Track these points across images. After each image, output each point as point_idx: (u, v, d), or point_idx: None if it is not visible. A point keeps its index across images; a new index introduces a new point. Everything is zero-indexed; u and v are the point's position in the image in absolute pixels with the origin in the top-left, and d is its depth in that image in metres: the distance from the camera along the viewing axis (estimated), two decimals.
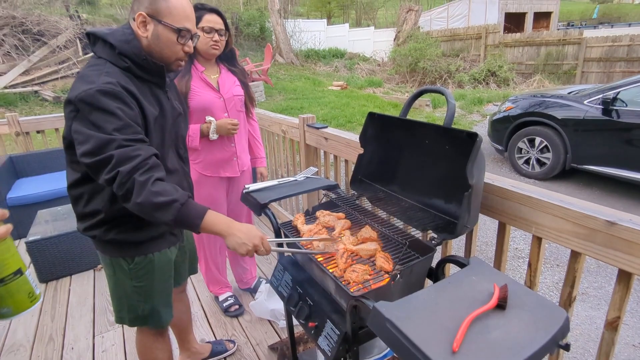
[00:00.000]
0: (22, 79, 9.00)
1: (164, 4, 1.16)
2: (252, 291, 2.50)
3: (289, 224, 1.48)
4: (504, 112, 5.45)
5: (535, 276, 1.27)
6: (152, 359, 1.52)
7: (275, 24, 14.33)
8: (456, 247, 2.94)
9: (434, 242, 1.20)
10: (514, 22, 17.73)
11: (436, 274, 1.25)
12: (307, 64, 15.42)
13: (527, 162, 5.24)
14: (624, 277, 1.03)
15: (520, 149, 5.27)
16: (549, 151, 4.93)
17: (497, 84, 12.83)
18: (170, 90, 1.37)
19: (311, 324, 1.22)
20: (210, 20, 1.80)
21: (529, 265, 1.28)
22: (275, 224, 1.46)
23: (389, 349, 1.30)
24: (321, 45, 16.96)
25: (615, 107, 4.34)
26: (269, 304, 2.20)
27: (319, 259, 1.24)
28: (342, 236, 1.30)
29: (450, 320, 0.80)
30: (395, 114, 1.44)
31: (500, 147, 5.56)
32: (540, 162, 5.09)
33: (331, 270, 1.17)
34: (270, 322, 2.25)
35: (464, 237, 1.44)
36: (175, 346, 1.86)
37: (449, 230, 1.20)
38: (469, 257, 1.09)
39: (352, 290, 1.05)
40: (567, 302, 1.19)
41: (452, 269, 1.39)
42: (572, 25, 23.11)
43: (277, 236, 1.45)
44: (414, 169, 1.41)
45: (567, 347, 0.80)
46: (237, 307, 2.33)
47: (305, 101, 10.11)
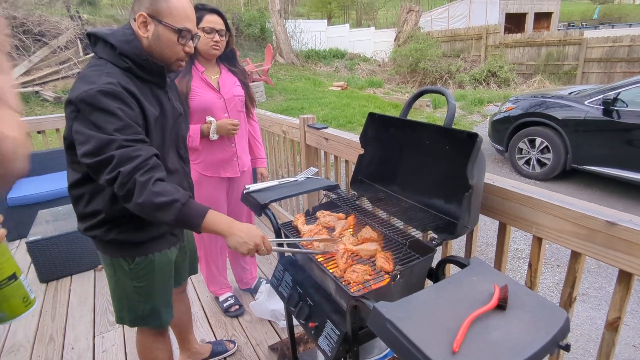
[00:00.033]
0: (23, 79, 9.01)
1: (165, 5, 1.16)
2: (253, 291, 2.50)
3: (289, 224, 1.48)
4: (505, 112, 5.45)
5: (535, 277, 1.27)
6: (153, 359, 1.52)
7: (275, 25, 14.34)
8: (456, 247, 2.94)
9: (434, 242, 1.20)
10: (514, 22, 17.73)
11: (436, 275, 1.25)
12: (307, 65, 15.43)
13: (527, 162, 5.24)
14: (624, 278, 1.03)
15: (520, 150, 5.27)
16: (549, 152, 4.93)
17: (498, 84, 12.83)
18: (170, 90, 1.37)
19: (311, 324, 1.22)
20: (210, 20, 1.80)
21: (530, 265, 1.28)
22: (275, 224, 1.46)
23: (389, 350, 1.30)
24: (322, 45, 16.96)
25: (615, 108, 4.34)
26: (269, 304, 2.20)
27: (319, 259, 1.24)
28: (343, 236, 1.30)
29: (450, 320, 0.80)
30: (395, 115, 1.44)
31: (500, 148, 5.56)
32: (540, 163, 5.09)
33: (331, 270, 1.17)
34: (270, 323, 2.25)
35: (465, 237, 1.44)
36: (175, 346, 1.86)
37: (449, 230, 1.20)
38: (469, 258, 1.09)
39: (352, 290, 1.05)
40: (567, 302, 1.19)
41: (452, 269, 1.39)
42: (573, 25, 23.10)
43: (278, 236, 1.45)
44: (414, 170, 1.41)
45: (567, 348, 0.81)
46: (238, 307, 2.33)
47: (305, 102, 10.12)
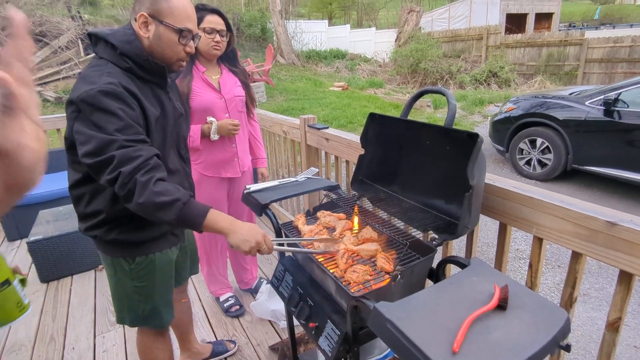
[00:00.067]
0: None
1: (166, 5, 1.16)
2: (253, 292, 2.50)
3: (290, 224, 1.48)
4: (505, 113, 5.45)
5: (536, 277, 1.27)
6: (153, 359, 1.52)
7: (276, 25, 14.35)
8: (457, 247, 2.94)
9: (434, 242, 1.20)
10: (515, 23, 17.73)
11: (437, 275, 1.25)
12: (308, 65, 15.43)
13: (528, 163, 5.24)
14: (625, 278, 1.03)
15: (521, 150, 5.27)
16: (550, 152, 4.93)
17: (499, 84, 12.83)
18: (171, 90, 1.37)
19: (312, 325, 1.22)
20: (211, 21, 1.80)
21: (530, 266, 1.28)
22: (276, 224, 1.46)
23: (389, 350, 1.30)
24: (322, 46, 16.96)
25: (616, 108, 4.33)
26: (270, 304, 2.20)
27: (320, 260, 1.24)
28: (343, 237, 1.31)
29: (450, 320, 0.80)
30: (396, 115, 1.44)
31: (501, 148, 5.56)
32: (541, 163, 5.08)
33: (332, 270, 1.17)
34: (271, 323, 2.25)
35: (465, 237, 1.44)
36: (176, 346, 1.87)
37: (450, 230, 1.20)
38: (470, 258, 1.09)
39: (352, 290, 1.05)
40: (568, 302, 1.19)
41: (452, 269, 1.39)
42: (574, 26, 23.07)
43: (278, 236, 1.45)
44: (415, 170, 1.41)
45: (567, 348, 0.80)
46: (238, 307, 2.33)
47: (306, 102, 10.12)
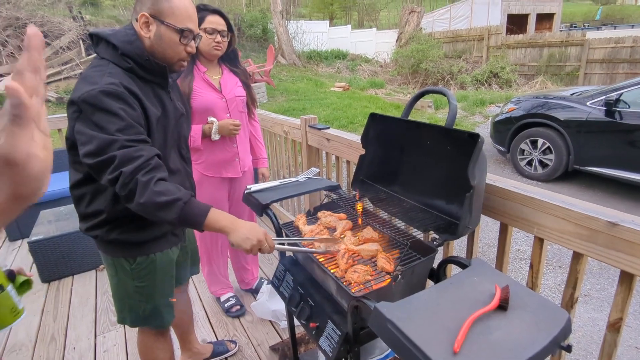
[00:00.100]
0: (45, 76, 9.02)
1: (167, 5, 1.16)
2: (254, 292, 2.50)
3: (291, 224, 1.48)
4: (507, 113, 5.44)
5: (537, 277, 1.27)
6: (154, 359, 1.52)
7: (277, 25, 14.36)
8: (458, 248, 2.94)
9: (435, 243, 1.19)
10: (516, 23, 17.71)
11: (437, 275, 1.25)
12: (309, 65, 15.44)
13: (529, 163, 5.23)
14: (626, 279, 1.02)
15: (522, 151, 5.26)
16: (551, 153, 4.92)
17: (500, 85, 12.81)
18: (172, 90, 1.37)
19: (312, 325, 1.22)
20: (212, 21, 1.81)
21: (531, 266, 1.27)
22: (276, 224, 1.46)
23: (390, 350, 1.30)
24: (323, 46, 16.97)
25: (618, 109, 4.33)
26: (271, 304, 2.20)
27: (320, 260, 1.24)
28: (344, 237, 1.30)
29: (451, 321, 0.80)
30: (397, 115, 1.44)
31: (502, 149, 5.55)
32: (542, 164, 5.08)
33: (332, 270, 1.17)
34: (271, 323, 2.25)
35: (466, 238, 1.44)
36: (176, 346, 1.87)
37: (451, 231, 1.20)
38: (471, 258, 1.09)
39: (353, 290, 1.05)
40: (569, 303, 1.18)
41: (453, 270, 1.39)
42: (575, 26, 23.05)
43: (279, 236, 1.45)
44: (416, 170, 1.41)
45: (568, 349, 0.80)
46: (239, 307, 2.33)
47: (307, 102, 10.12)
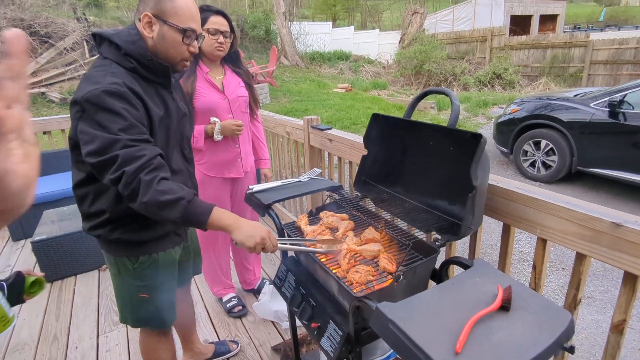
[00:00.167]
0: (29, 81, 9.06)
1: (170, 5, 1.17)
2: (256, 292, 2.50)
3: (293, 224, 1.48)
4: (510, 114, 5.42)
5: (540, 279, 1.26)
6: (156, 359, 1.52)
7: (280, 27, 14.38)
8: (460, 249, 2.92)
9: (437, 243, 1.19)
10: (519, 24, 17.67)
11: (440, 276, 1.25)
12: (312, 67, 15.45)
13: (532, 164, 5.21)
14: (630, 280, 1.02)
15: (525, 152, 5.24)
16: (554, 154, 4.90)
17: (503, 86, 12.78)
18: (175, 90, 1.37)
19: (314, 325, 1.22)
20: (215, 22, 1.81)
21: (534, 267, 1.27)
22: (279, 225, 1.46)
23: (392, 351, 1.30)
24: (326, 47, 16.99)
25: (621, 110, 4.31)
26: (273, 305, 2.19)
27: (322, 260, 1.24)
28: (346, 237, 1.30)
29: (453, 321, 0.80)
30: (399, 116, 1.44)
31: (505, 150, 5.53)
32: (545, 165, 5.05)
33: (334, 271, 1.17)
34: (273, 323, 2.24)
35: (468, 238, 1.43)
36: (178, 346, 1.87)
37: (453, 231, 1.19)
38: (473, 259, 1.08)
39: (355, 291, 1.05)
40: (572, 304, 1.18)
41: (456, 270, 1.39)
42: (579, 28, 22.99)
43: (281, 237, 1.45)
44: (418, 170, 1.40)
45: (571, 350, 0.80)
46: (241, 308, 2.33)
47: (309, 103, 10.13)
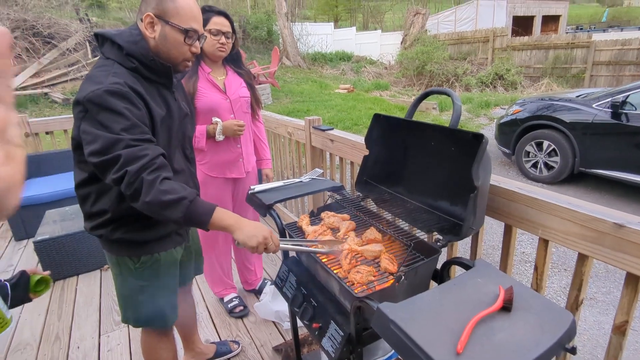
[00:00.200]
0: (32, 81, 9.11)
1: (171, 5, 1.17)
2: (257, 292, 2.51)
3: (294, 224, 1.48)
4: (512, 115, 5.42)
5: (541, 279, 1.26)
6: (157, 358, 1.52)
7: (282, 27, 14.39)
8: (462, 250, 2.92)
9: (439, 243, 1.19)
10: (522, 25, 17.66)
11: (441, 276, 1.24)
12: (314, 67, 15.46)
13: (534, 165, 5.20)
14: (632, 281, 1.01)
15: (527, 153, 5.23)
16: (557, 155, 4.89)
17: (505, 87, 12.76)
18: (177, 90, 1.37)
19: (315, 325, 1.22)
20: (217, 22, 1.81)
21: (536, 268, 1.27)
22: (280, 225, 1.46)
23: (393, 351, 1.30)
24: (328, 48, 16.99)
25: (624, 111, 4.30)
26: (274, 305, 2.19)
27: (324, 260, 1.24)
28: (347, 237, 1.30)
29: (454, 322, 0.80)
30: (401, 117, 1.44)
31: (507, 151, 5.52)
32: (548, 166, 5.04)
33: (335, 271, 1.17)
34: (274, 324, 2.24)
35: (470, 239, 1.43)
36: (180, 346, 1.87)
37: (455, 232, 1.19)
38: (475, 260, 1.08)
39: (356, 291, 1.05)
40: (574, 305, 1.17)
41: (457, 271, 1.38)
42: (581, 28, 22.94)
43: (282, 237, 1.45)
44: (420, 171, 1.40)
45: (573, 350, 0.79)
46: (242, 308, 2.33)
47: (311, 104, 10.13)
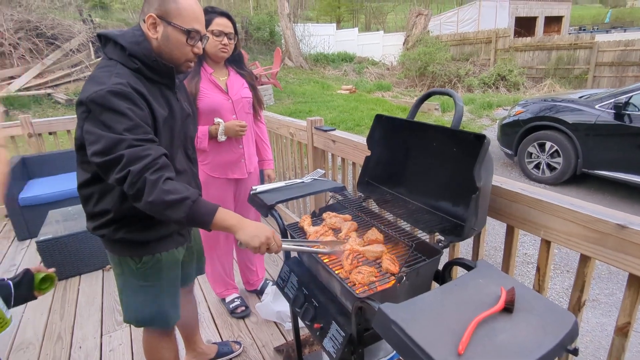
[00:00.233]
0: (35, 82, 9.16)
1: (174, 6, 1.17)
2: (259, 293, 2.51)
3: (296, 225, 1.49)
4: (514, 116, 5.41)
5: (544, 280, 1.25)
6: (159, 358, 1.52)
7: (284, 28, 14.41)
8: (464, 251, 2.91)
9: (440, 244, 1.19)
10: (524, 26, 17.63)
11: (443, 277, 1.24)
12: (316, 68, 15.46)
13: (537, 166, 5.19)
14: (635, 282, 1.01)
15: (530, 154, 5.21)
16: (559, 156, 4.87)
17: (507, 88, 12.74)
18: (179, 91, 1.38)
19: (316, 326, 1.22)
20: (220, 23, 1.82)
21: (538, 269, 1.26)
22: (281, 225, 1.46)
23: (394, 352, 1.29)
24: (330, 49, 16.99)
25: (627, 112, 4.28)
26: (275, 305, 2.20)
27: (325, 261, 1.24)
28: (349, 238, 1.30)
29: (456, 322, 0.80)
30: (403, 117, 1.44)
31: (510, 152, 5.51)
32: (550, 167, 5.03)
33: (337, 271, 1.17)
34: (276, 324, 2.24)
35: (472, 240, 1.43)
36: (181, 346, 1.87)
37: (456, 232, 1.19)
38: (476, 260, 1.08)
39: (357, 291, 1.05)
40: (576, 306, 1.17)
41: (459, 272, 1.38)
42: (584, 29, 22.87)
43: (284, 237, 1.45)
44: (421, 171, 1.40)
45: (575, 352, 0.79)
46: (244, 308, 2.33)
47: (313, 105, 10.13)
